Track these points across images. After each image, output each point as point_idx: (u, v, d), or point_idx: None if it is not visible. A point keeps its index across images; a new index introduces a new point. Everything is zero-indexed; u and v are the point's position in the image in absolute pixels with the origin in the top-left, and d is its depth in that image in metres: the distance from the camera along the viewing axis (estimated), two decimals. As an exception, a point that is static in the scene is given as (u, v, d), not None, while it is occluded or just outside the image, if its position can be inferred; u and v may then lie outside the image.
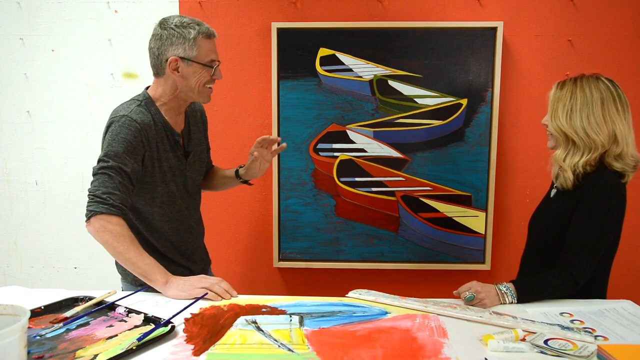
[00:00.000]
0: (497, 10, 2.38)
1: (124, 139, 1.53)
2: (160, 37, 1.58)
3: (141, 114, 1.59)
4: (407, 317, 1.36)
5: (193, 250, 1.80)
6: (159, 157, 1.63)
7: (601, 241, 1.50)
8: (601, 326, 1.31)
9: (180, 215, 1.72)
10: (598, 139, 1.50)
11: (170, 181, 1.67)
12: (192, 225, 1.79)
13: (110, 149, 1.52)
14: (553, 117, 1.58)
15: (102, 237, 1.48)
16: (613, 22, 2.37)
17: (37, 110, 2.55)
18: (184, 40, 1.56)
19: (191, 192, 1.78)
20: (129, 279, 1.69)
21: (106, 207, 1.47)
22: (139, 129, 1.56)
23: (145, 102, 1.63)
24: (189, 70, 1.59)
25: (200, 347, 1.17)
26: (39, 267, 2.66)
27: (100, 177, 1.50)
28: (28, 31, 2.50)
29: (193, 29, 1.57)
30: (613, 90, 1.53)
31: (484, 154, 2.41)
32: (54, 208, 2.61)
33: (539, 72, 2.41)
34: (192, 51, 1.57)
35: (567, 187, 1.56)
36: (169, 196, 1.67)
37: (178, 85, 1.62)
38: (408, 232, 2.49)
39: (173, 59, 1.57)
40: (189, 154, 1.74)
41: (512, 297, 1.46)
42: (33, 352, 1.12)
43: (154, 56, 1.61)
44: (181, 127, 1.73)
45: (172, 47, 1.57)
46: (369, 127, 2.43)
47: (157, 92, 1.65)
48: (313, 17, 2.41)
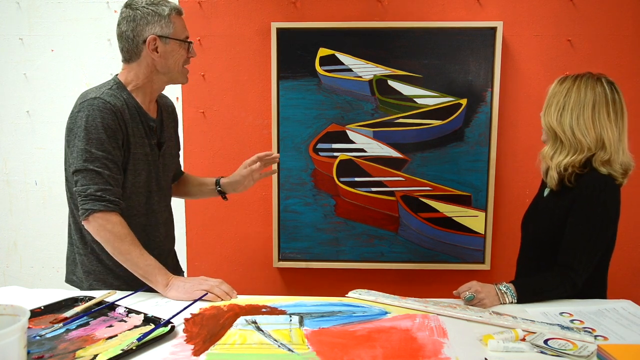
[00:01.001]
0: (496, 10, 2.38)
1: (102, 123, 1.44)
2: (134, 18, 1.52)
3: (113, 97, 1.50)
4: (407, 317, 1.36)
5: (159, 252, 1.63)
6: (134, 143, 1.54)
7: (598, 243, 1.50)
8: (601, 326, 1.31)
9: (147, 209, 1.62)
10: (584, 141, 1.50)
11: (142, 170, 1.58)
12: (161, 223, 1.68)
13: (91, 136, 1.43)
14: (546, 112, 1.59)
15: (102, 236, 1.45)
16: (613, 22, 2.37)
17: (37, 110, 2.55)
18: (160, 18, 1.52)
19: (162, 187, 1.68)
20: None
21: (103, 204, 1.43)
22: (114, 111, 1.47)
23: (117, 86, 1.55)
24: (167, 48, 1.55)
25: (200, 347, 1.17)
26: (38, 267, 2.66)
27: (87, 175, 1.43)
28: (28, 31, 2.50)
29: (165, 5, 1.53)
30: (609, 94, 1.51)
31: (483, 154, 2.41)
32: (54, 208, 2.60)
33: (539, 72, 2.41)
34: (168, 28, 1.53)
35: (552, 186, 1.57)
36: (137, 187, 1.57)
37: (157, 66, 1.56)
38: (408, 232, 2.49)
39: (152, 37, 1.52)
40: (162, 144, 1.67)
41: (512, 297, 1.46)
42: (33, 352, 1.12)
43: (127, 40, 1.54)
44: (154, 115, 1.65)
45: (148, 27, 1.52)
46: (368, 127, 2.43)
47: (128, 77, 1.57)
48: (313, 17, 2.41)
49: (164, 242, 1.71)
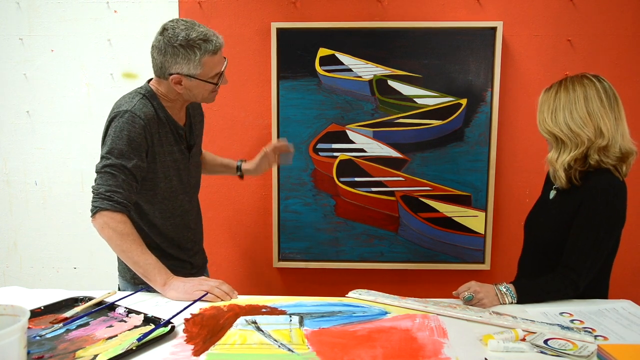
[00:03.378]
0: (496, 10, 2.38)
1: (127, 135, 1.51)
2: (165, 52, 1.52)
3: (145, 108, 1.56)
4: (407, 317, 1.36)
5: (192, 245, 1.79)
6: (162, 152, 1.61)
7: (603, 246, 1.49)
8: (601, 326, 1.31)
9: (181, 210, 1.72)
10: (583, 134, 1.49)
11: (173, 176, 1.66)
12: (192, 220, 1.79)
13: (114, 146, 1.51)
14: (540, 120, 1.59)
15: (106, 233, 1.48)
16: (612, 22, 2.37)
17: (37, 111, 2.55)
18: (189, 61, 1.52)
19: (193, 186, 1.78)
20: (128, 276, 1.69)
21: (110, 203, 1.47)
22: (143, 125, 1.54)
23: (149, 95, 1.61)
24: (192, 84, 1.58)
25: (200, 347, 1.17)
26: (38, 268, 2.66)
27: (103, 176, 1.50)
28: (28, 31, 2.50)
29: (199, 49, 1.51)
30: (597, 84, 1.52)
31: (483, 153, 2.41)
32: (54, 208, 2.60)
33: (539, 72, 2.41)
34: (196, 70, 1.54)
35: (562, 185, 1.56)
36: (171, 192, 1.66)
37: (181, 93, 1.61)
38: (408, 232, 2.49)
39: (176, 76, 1.55)
40: (192, 147, 1.74)
41: (512, 297, 1.46)
42: (33, 352, 1.12)
43: (156, 65, 1.57)
44: (183, 121, 1.72)
45: (175, 65, 1.53)
46: (368, 127, 2.43)
47: (159, 89, 1.62)
48: (312, 17, 2.41)
49: (195, 238, 1.82)
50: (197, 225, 1.85)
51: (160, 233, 1.68)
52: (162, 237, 1.68)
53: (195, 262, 1.80)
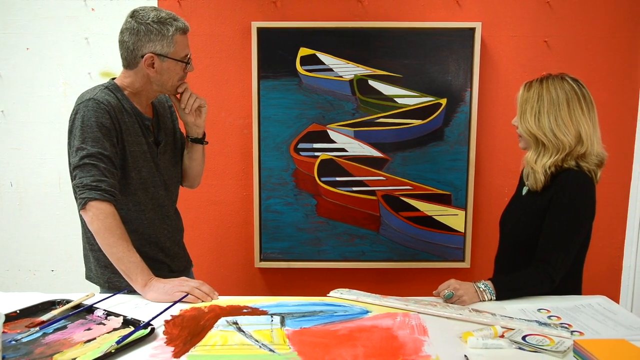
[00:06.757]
0: (475, 11, 2.41)
1: (96, 122, 1.49)
2: (137, 32, 1.54)
3: (108, 96, 1.55)
4: (388, 315, 1.37)
5: (170, 244, 1.74)
6: (130, 142, 1.59)
7: (575, 239, 1.53)
8: (577, 321, 1.34)
9: (155, 203, 1.68)
10: (566, 140, 1.53)
11: (142, 167, 1.63)
12: (168, 216, 1.74)
13: (86, 135, 1.48)
14: (522, 119, 1.61)
15: (94, 226, 1.46)
16: (587, 23, 2.42)
17: (12, 110, 2.50)
18: (162, 37, 1.54)
19: (167, 183, 1.73)
20: (102, 281, 1.65)
21: (99, 193, 1.45)
22: (108, 110, 1.52)
23: (112, 87, 1.60)
24: (164, 65, 1.58)
25: (180, 349, 1.16)
26: (14, 270, 2.61)
27: (84, 167, 1.47)
28: (2, 29, 2.44)
29: (171, 25, 1.55)
30: (578, 90, 1.55)
31: (463, 153, 2.44)
32: (30, 209, 2.55)
33: (516, 72, 2.45)
34: (169, 47, 1.56)
35: (537, 188, 1.59)
36: (141, 182, 1.63)
37: (151, 80, 1.60)
38: (389, 231, 2.50)
39: (149, 55, 1.55)
40: (160, 142, 1.71)
41: (490, 294, 1.48)
42: (8, 357, 1.10)
43: (127, 49, 1.57)
44: (150, 115, 1.69)
45: (149, 44, 1.54)
46: (349, 126, 2.44)
47: (124, 82, 1.61)
48: (293, 16, 2.40)
49: (173, 233, 1.77)
50: (176, 223, 1.80)
51: (136, 230, 1.62)
52: (137, 234, 1.63)
53: (174, 266, 1.76)
